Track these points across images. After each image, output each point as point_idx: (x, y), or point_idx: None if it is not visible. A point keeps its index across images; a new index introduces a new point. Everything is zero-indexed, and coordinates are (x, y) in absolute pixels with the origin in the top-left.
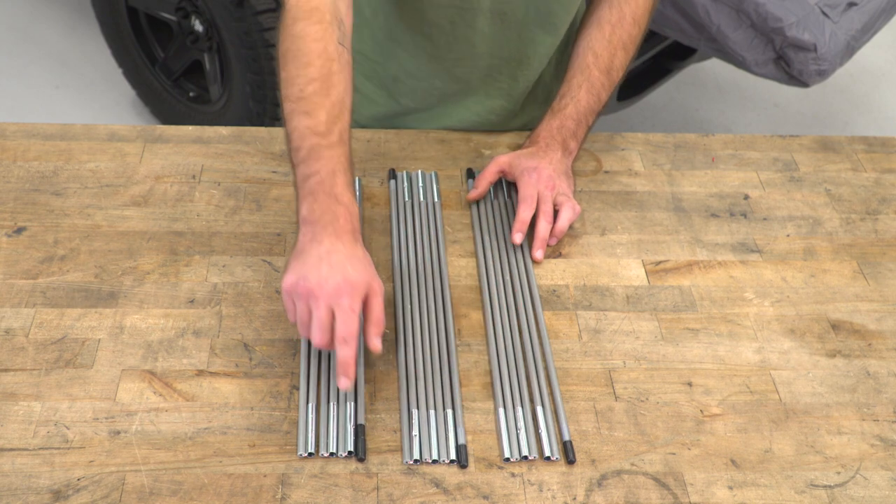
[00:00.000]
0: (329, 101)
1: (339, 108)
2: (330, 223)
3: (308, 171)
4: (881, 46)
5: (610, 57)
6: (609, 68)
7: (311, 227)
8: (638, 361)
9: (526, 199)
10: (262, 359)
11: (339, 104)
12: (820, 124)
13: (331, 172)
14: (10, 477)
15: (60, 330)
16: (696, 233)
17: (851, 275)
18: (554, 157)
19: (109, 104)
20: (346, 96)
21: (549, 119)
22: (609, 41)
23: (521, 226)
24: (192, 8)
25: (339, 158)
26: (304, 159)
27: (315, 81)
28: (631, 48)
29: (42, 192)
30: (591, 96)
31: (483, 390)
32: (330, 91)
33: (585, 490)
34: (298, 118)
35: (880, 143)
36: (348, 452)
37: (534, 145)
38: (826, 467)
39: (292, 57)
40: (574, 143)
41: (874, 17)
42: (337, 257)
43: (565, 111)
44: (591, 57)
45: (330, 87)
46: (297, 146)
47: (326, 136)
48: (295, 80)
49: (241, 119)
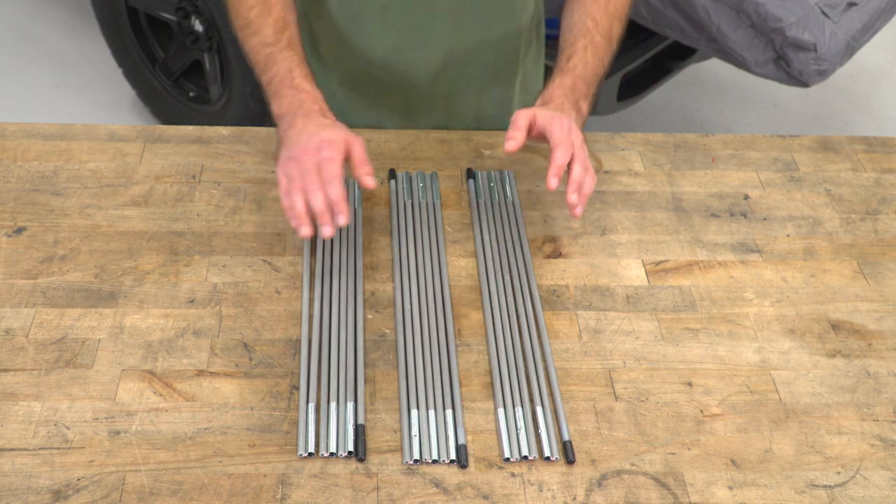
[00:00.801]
0: (271, 19)
1: (282, 23)
2: (298, 109)
3: (269, 76)
4: (881, 46)
5: (609, 24)
6: (609, 35)
7: (284, 119)
8: (638, 361)
9: (562, 143)
10: (262, 359)
11: (281, 20)
12: (820, 124)
13: (287, 70)
14: (10, 477)
15: (60, 330)
16: (696, 233)
17: (851, 275)
18: (571, 116)
19: (109, 104)
20: (286, 13)
21: (561, 78)
22: (606, 10)
23: (558, 170)
24: (192, 8)
25: (292, 57)
26: (264, 69)
27: (255, 7)
28: (624, 20)
29: (42, 192)
30: (596, 59)
31: (483, 390)
32: (270, 10)
33: (585, 490)
34: (250, 40)
35: (880, 143)
36: (348, 452)
37: (550, 102)
38: (826, 467)
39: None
40: (585, 105)
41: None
42: (310, 128)
43: (575, 71)
44: (591, 23)
45: (269, 7)
46: (255, 61)
47: (276, 44)
48: (238, 13)
49: (241, 119)
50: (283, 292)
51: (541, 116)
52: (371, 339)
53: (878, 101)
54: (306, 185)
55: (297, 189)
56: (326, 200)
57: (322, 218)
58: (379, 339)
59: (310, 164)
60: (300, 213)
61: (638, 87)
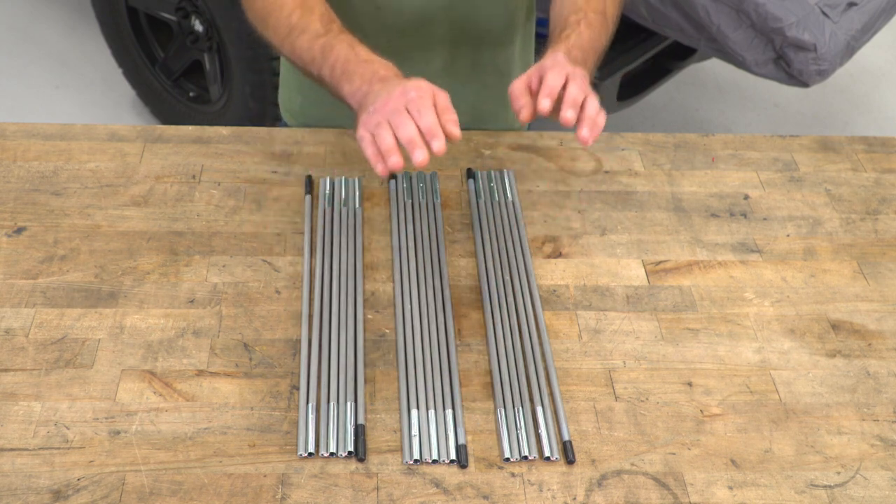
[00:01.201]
0: (316, 16)
1: (327, 17)
2: (373, 77)
3: (331, 62)
4: (881, 46)
5: (601, 3)
6: (604, 11)
7: (360, 92)
8: (638, 361)
9: (555, 65)
10: (262, 359)
11: (326, 14)
12: (820, 124)
13: (349, 49)
14: (10, 477)
15: (60, 330)
16: (696, 233)
17: (851, 275)
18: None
19: (109, 104)
20: (327, 10)
21: (555, 47)
22: None
23: (550, 90)
24: (192, 8)
25: (349, 40)
26: (323, 59)
27: (294, 11)
28: (619, 4)
29: (42, 192)
30: (592, 31)
31: (483, 390)
32: (313, 10)
33: (585, 490)
34: (299, 42)
35: (880, 143)
36: (348, 452)
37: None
38: (826, 467)
39: (268, 13)
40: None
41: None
42: (391, 84)
43: (569, 41)
44: (583, 1)
45: (310, 8)
46: (311, 57)
47: (328, 33)
48: (279, 23)
49: (241, 119)
50: (283, 292)
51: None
52: (371, 339)
53: (878, 101)
54: (395, 123)
55: (384, 128)
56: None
57: (412, 145)
58: (379, 339)
59: (397, 105)
60: (390, 146)
61: (638, 87)
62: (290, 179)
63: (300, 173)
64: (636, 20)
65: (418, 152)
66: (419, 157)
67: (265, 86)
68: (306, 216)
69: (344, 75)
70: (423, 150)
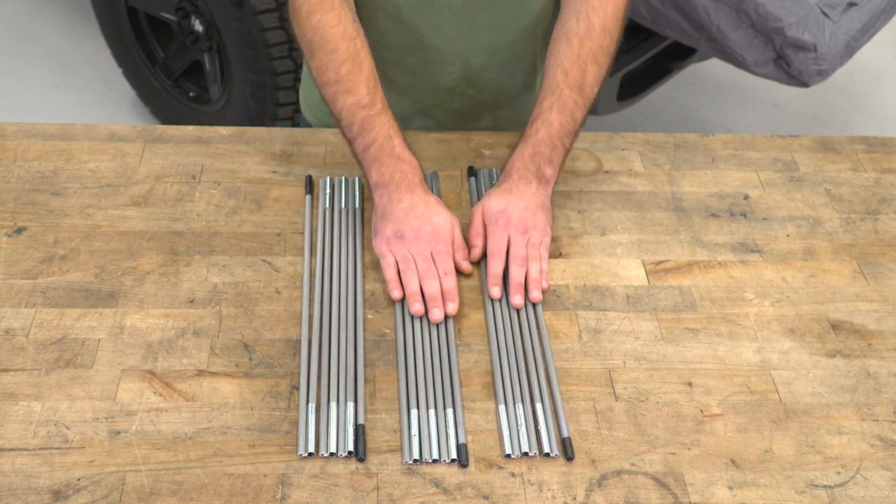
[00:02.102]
0: (364, 76)
1: (373, 80)
2: (402, 181)
3: (366, 141)
4: (881, 46)
5: (580, 73)
6: (581, 84)
7: (385, 190)
8: (638, 361)
9: (494, 252)
10: (262, 359)
11: (372, 76)
12: (820, 124)
13: (387, 137)
14: (10, 477)
15: (60, 330)
16: (696, 233)
17: (851, 275)
18: (526, 192)
19: (109, 104)
20: (374, 67)
21: (522, 148)
22: (578, 56)
23: (494, 279)
24: (192, 8)
25: (390, 122)
26: (360, 132)
27: (346, 62)
28: (603, 60)
29: (42, 192)
30: (563, 116)
31: (483, 390)
32: (362, 67)
33: (585, 490)
34: (342, 98)
35: (880, 143)
36: (348, 452)
37: (507, 179)
38: (826, 467)
39: (318, 46)
40: (550, 169)
41: (874, 17)
42: (419, 210)
43: (537, 136)
44: (561, 75)
45: (360, 63)
46: (349, 122)
47: (371, 106)
48: (327, 66)
49: (241, 119)
50: (283, 292)
51: (484, 215)
52: (371, 339)
53: (878, 101)
54: (423, 272)
55: (411, 271)
56: (440, 289)
57: (435, 303)
58: (379, 339)
59: (424, 251)
60: (415, 292)
61: (638, 87)
62: (290, 179)
63: (300, 173)
64: (636, 20)
65: (436, 311)
66: (437, 315)
67: (265, 86)
68: (306, 216)
69: (376, 162)
70: (441, 310)
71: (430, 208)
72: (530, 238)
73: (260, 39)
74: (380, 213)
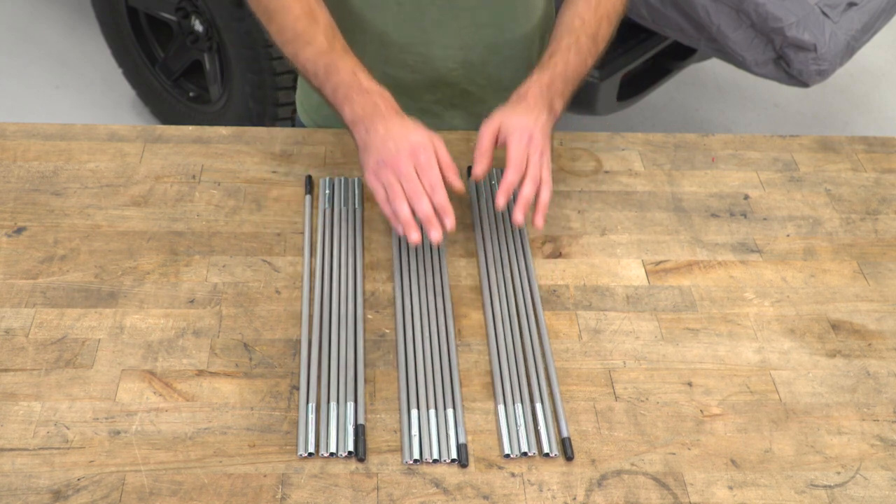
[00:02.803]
0: (321, 27)
1: (331, 29)
2: (374, 112)
3: (333, 83)
4: (881, 46)
5: (597, 25)
6: (596, 35)
7: (361, 124)
8: (638, 361)
9: (515, 162)
10: (262, 359)
11: (329, 26)
12: (820, 124)
13: (351, 73)
14: (10, 477)
15: (60, 330)
16: (696, 233)
17: (851, 275)
18: (541, 118)
19: (109, 104)
20: (331, 19)
21: (539, 74)
22: (596, 10)
23: (508, 188)
24: (192, 8)
25: (353, 61)
26: (326, 77)
27: (301, 18)
28: (614, 20)
29: (42, 192)
30: (578, 58)
31: (483, 390)
32: (318, 19)
33: (585, 490)
34: (304, 51)
35: (880, 143)
36: (348, 452)
37: (523, 101)
38: (826, 467)
39: (273, 10)
40: (560, 103)
41: (874, 17)
42: (395, 132)
43: (555, 69)
44: (578, 21)
45: (315, 16)
46: (314, 71)
47: (332, 52)
48: (284, 25)
49: (241, 119)
50: (283, 292)
51: (504, 127)
52: (371, 339)
53: (878, 101)
54: (410, 192)
55: (398, 195)
56: (432, 206)
57: (429, 223)
58: (379, 339)
59: (407, 169)
60: (408, 219)
61: (638, 87)
62: (290, 179)
63: (300, 173)
64: (636, 20)
65: (434, 232)
66: (436, 237)
67: (265, 86)
68: (306, 216)
69: (346, 100)
70: (438, 230)
71: (406, 129)
72: (545, 164)
73: (260, 39)
74: (361, 148)
